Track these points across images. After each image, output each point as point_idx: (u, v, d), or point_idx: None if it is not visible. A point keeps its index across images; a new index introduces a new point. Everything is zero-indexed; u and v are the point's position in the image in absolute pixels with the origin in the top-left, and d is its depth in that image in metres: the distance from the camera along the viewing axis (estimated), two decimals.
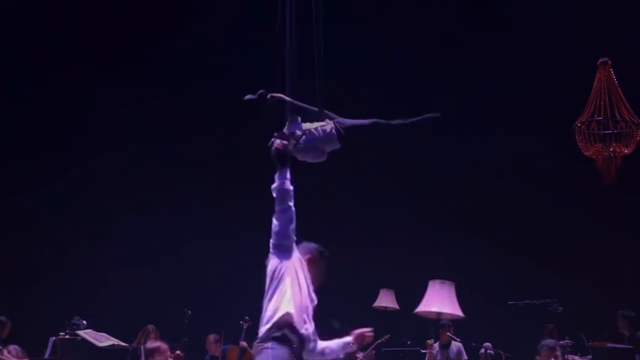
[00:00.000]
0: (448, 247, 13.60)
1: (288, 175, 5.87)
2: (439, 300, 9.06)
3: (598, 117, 10.11)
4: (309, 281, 5.91)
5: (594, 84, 10.21)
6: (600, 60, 10.30)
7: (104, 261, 13.63)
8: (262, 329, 5.66)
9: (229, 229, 13.39)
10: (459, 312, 9.21)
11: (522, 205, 13.65)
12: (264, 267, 5.74)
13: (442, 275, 9.96)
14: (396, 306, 12.91)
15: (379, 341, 11.35)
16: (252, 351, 6.26)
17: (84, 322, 10.74)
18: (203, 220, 13.72)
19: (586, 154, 10.48)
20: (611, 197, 12.02)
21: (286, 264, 5.78)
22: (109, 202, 14.02)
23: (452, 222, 13.66)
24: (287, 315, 5.63)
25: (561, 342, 9.91)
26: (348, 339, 6.11)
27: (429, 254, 13.32)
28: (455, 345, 11.38)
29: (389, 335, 11.49)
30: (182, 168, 14.30)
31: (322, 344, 5.97)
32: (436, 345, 11.36)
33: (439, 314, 9.34)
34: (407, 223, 13.41)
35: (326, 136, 6.51)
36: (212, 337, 12.35)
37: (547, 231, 13.51)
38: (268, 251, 5.78)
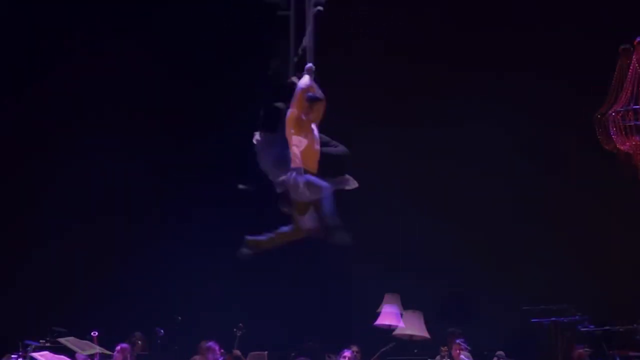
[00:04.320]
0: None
1: None
2: (412, 325, 11.37)
3: (620, 107, 9.26)
4: None
5: (616, 73, 9.39)
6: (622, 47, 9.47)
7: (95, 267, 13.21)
8: None
9: (224, 236, 12.43)
10: (426, 334, 11.43)
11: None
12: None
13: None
14: (402, 311, 12.25)
15: (384, 349, 11.18)
16: None
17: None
18: (197, 226, 13.28)
19: (607, 147, 9.63)
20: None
21: None
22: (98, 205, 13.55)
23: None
24: None
25: (580, 349, 9.93)
26: None
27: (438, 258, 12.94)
28: (465, 354, 11.04)
29: (394, 343, 11.22)
30: (180, 171, 13.89)
31: None
32: (446, 354, 11.12)
33: (411, 335, 11.49)
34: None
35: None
36: (204, 345, 11.53)
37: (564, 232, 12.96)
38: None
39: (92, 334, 10.63)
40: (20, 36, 13.18)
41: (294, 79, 7.04)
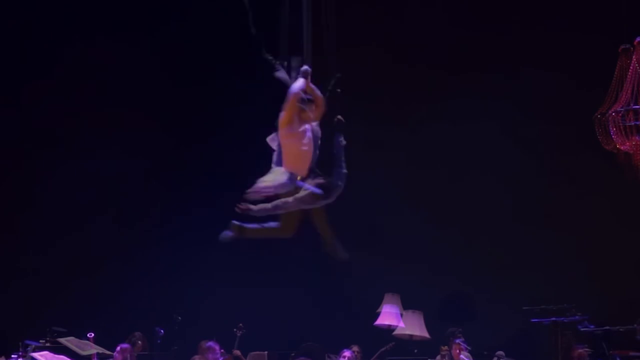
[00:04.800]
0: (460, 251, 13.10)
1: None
2: (412, 325, 11.45)
3: (620, 107, 9.21)
4: None
5: (615, 73, 9.39)
6: (622, 47, 9.50)
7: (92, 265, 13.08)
8: None
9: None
10: (426, 334, 11.52)
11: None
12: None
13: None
14: (402, 311, 12.21)
15: (383, 349, 11.11)
16: None
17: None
18: (196, 225, 12.94)
19: (607, 147, 9.63)
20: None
21: None
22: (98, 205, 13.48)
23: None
24: None
25: (580, 349, 9.83)
26: None
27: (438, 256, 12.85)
28: (465, 354, 10.98)
29: (393, 343, 11.16)
30: (180, 170, 13.76)
31: None
32: (446, 354, 11.01)
33: (411, 335, 11.55)
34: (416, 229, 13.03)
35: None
36: (204, 344, 11.39)
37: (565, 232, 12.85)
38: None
39: (88, 335, 10.54)
40: (18, 35, 13.15)
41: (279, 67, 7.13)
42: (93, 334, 10.33)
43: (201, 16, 13.20)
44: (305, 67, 7.03)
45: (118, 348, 10.25)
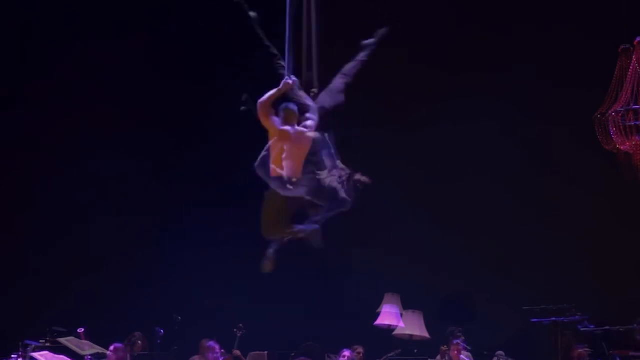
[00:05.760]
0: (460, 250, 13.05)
1: None
2: (412, 325, 11.53)
3: (620, 107, 9.19)
4: None
5: (615, 73, 9.39)
6: (622, 47, 9.58)
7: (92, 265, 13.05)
8: None
9: (223, 236, 12.90)
10: (426, 334, 11.61)
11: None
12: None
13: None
14: (402, 311, 12.18)
15: (389, 355, 11.13)
16: None
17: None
18: (196, 225, 13.12)
19: (607, 147, 9.71)
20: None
21: None
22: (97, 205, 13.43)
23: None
24: None
25: (580, 349, 9.84)
26: None
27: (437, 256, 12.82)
28: (465, 354, 10.97)
29: (399, 350, 11.21)
30: (180, 170, 13.74)
31: None
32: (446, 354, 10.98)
33: (411, 335, 11.63)
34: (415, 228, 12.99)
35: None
36: (204, 344, 11.33)
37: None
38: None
39: (78, 330, 10.51)
40: (18, 35, 13.16)
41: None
42: (83, 329, 10.29)
43: (201, 16, 13.15)
44: (285, 79, 6.98)
45: (112, 347, 10.06)
